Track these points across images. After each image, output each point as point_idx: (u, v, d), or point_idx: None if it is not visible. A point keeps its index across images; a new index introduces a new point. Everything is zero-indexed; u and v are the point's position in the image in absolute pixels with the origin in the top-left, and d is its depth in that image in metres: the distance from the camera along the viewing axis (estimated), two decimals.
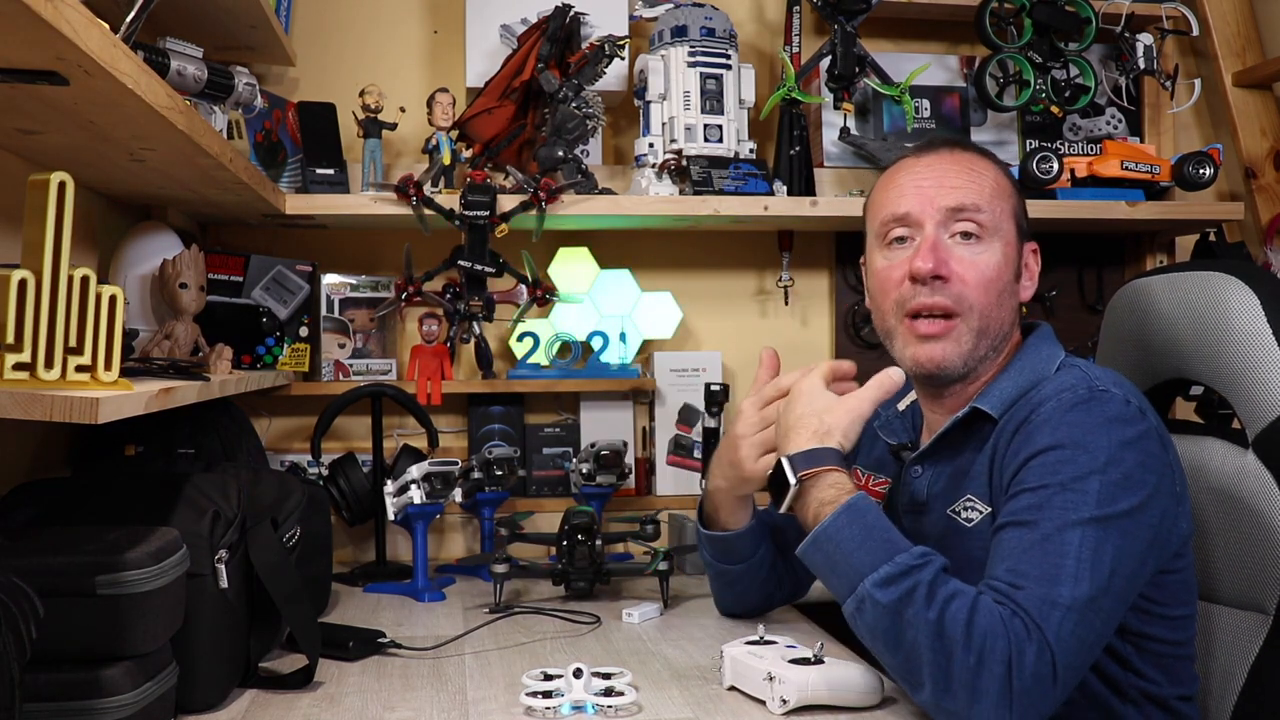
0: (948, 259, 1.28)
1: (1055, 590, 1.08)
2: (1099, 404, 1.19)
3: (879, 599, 1.08)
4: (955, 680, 1.04)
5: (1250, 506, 1.37)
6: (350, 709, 1.20)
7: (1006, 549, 1.14)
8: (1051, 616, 1.06)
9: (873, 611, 1.09)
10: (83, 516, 1.23)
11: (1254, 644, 1.36)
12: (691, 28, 2.03)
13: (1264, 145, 2.29)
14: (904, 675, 1.10)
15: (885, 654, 1.11)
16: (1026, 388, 1.28)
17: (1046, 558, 1.10)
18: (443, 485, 1.72)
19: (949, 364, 1.29)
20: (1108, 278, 2.35)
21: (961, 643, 1.04)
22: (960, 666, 1.04)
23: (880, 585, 1.08)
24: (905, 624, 1.06)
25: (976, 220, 1.29)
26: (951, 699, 1.05)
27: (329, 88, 2.10)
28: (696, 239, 2.26)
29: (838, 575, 1.14)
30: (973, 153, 1.35)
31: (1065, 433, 1.17)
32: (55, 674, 1.00)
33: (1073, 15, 2.16)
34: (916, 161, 1.35)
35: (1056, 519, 1.12)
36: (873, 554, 1.11)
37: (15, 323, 0.96)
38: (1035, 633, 1.05)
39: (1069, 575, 1.08)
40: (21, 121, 1.17)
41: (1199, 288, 1.45)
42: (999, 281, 1.29)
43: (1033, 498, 1.15)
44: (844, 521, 1.13)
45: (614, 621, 1.58)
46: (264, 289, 1.96)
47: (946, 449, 1.33)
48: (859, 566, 1.11)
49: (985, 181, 1.31)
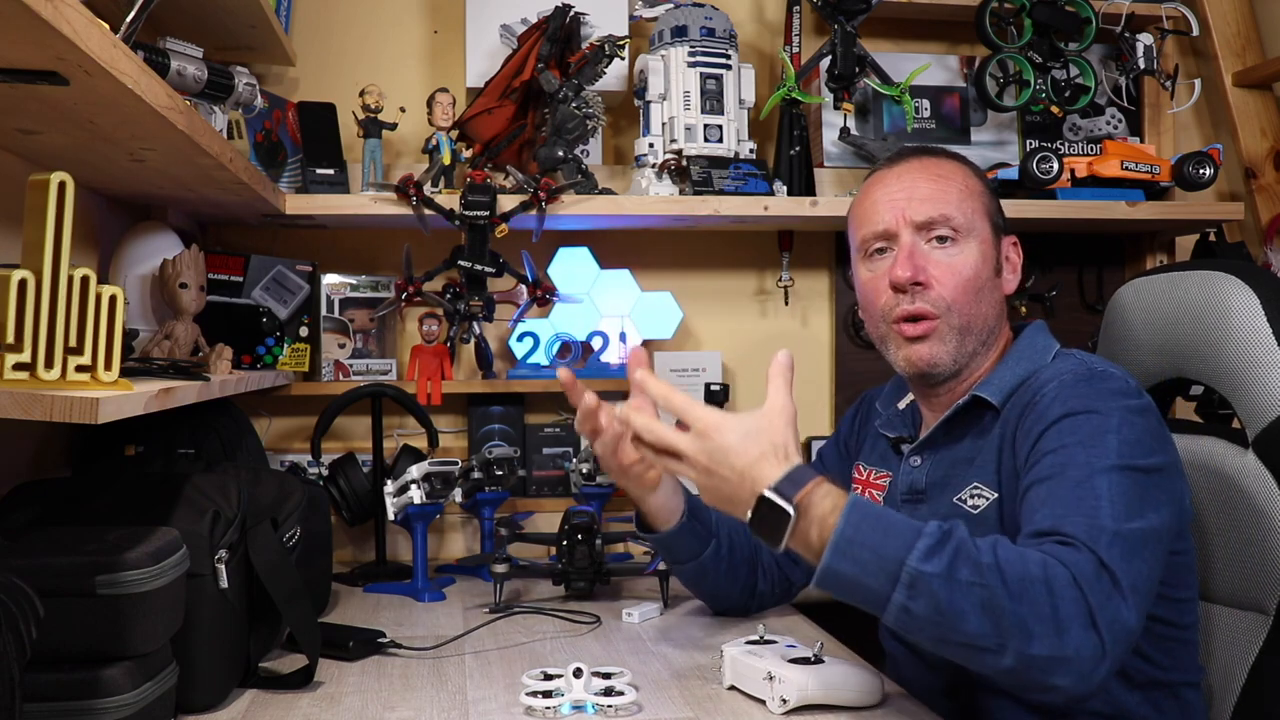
0: (925, 265, 1.33)
1: (1097, 520, 1.09)
2: (1101, 380, 1.25)
3: (930, 571, 1.01)
4: (1036, 620, 1.00)
5: (1250, 506, 1.37)
6: (350, 709, 1.20)
7: (1038, 501, 1.15)
8: (1100, 539, 1.07)
9: (927, 588, 1.01)
10: (83, 516, 1.23)
11: (1254, 644, 1.36)
12: (691, 28, 2.03)
13: (1264, 145, 2.29)
14: (978, 644, 1.02)
15: (953, 631, 1.02)
16: (1025, 376, 1.32)
17: (1083, 499, 1.12)
18: (443, 485, 1.72)
19: (939, 361, 1.34)
20: (1108, 278, 2.36)
21: (1027, 580, 1.01)
22: (1036, 605, 1.01)
23: (926, 558, 1.01)
24: (966, 587, 1.00)
25: (949, 224, 1.34)
26: (1040, 641, 1.01)
27: (329, 88, 2.10)
28: (696, 239, 2.26)
29: (870, 574, 1.04)
30: (940, 158, 1.40)
31: (1076, 402, 1.21)
32: (55, 674, 1.00)
33: (1073, 15, 2.16)
34: (888, 174, 1.40)
35: (1083, 468, 1.14)
36: (900, 537, 1.04)
37: (15, 323, 0.96)
38: (1087, 553, 1.05)
39: (1107, 513, 1.10)
40: (21, 121, 1.17)
41: (1199, 288, 1.45)
42: (977, 279, 1.34)
43: (1055, 457, 1.17)
44: (857, 519, 1.05)
45: (614, 621, 1.58)
46: (264, 289, 1.96)
47: (945, 438, 1.37)
48: (893, 553, 1.02)
49: (953, 186, 1.36)
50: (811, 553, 1.07)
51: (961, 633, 1.02)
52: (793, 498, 1.06)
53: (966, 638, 1.02)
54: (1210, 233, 2.24)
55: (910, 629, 1.04)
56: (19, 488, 1.31)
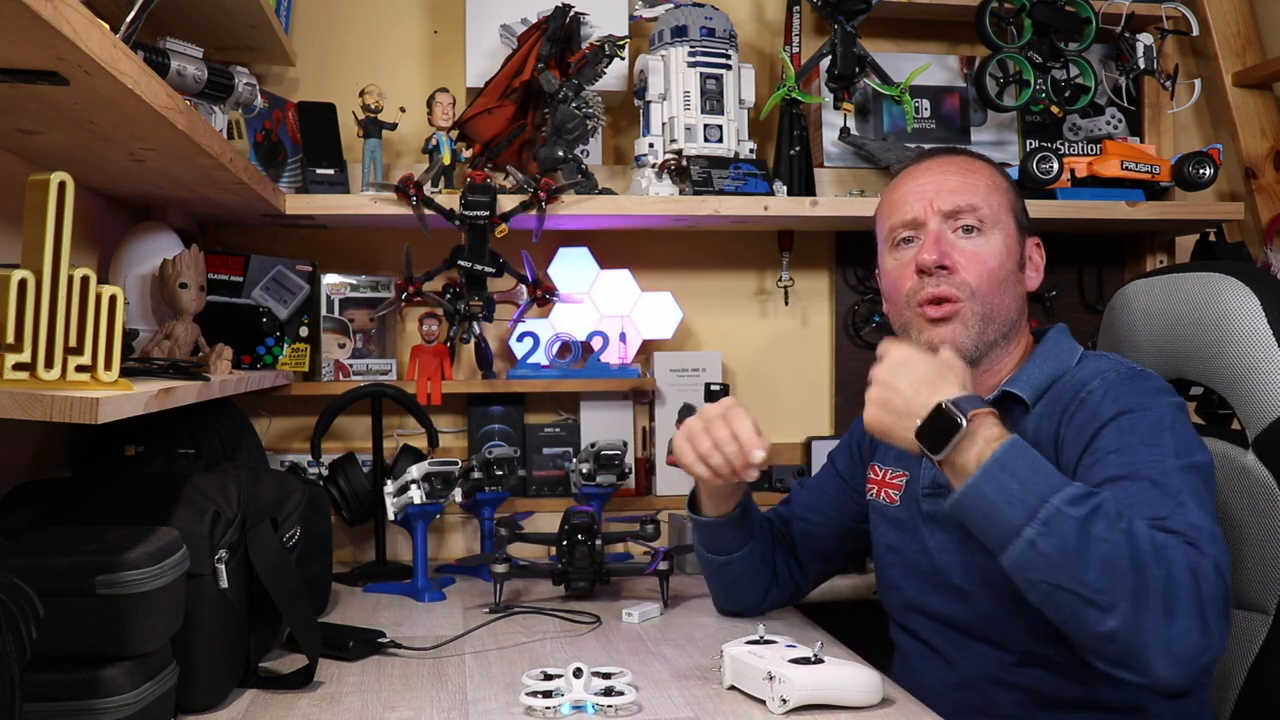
0: (950, 250, 1.37)
1: (1189, 517, 1.12)
2: (1142, 378, 1.29)
3: (1071, 514, 1.07)
4: (1151, 593, 1.04)
5: (1250, 507, 1.37)
6: (350, 709, 1.20)
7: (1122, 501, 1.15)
8: (1201, 537, 1.10)
9: (1063, 528, 1.07)
10: (83, 516, 1.23)
11: (1254, 644, 1.37)
12: (691, 28, 2.03)
13: (1264, 145, 2.29)
14: (1091, 596, 1.06)
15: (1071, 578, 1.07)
16: (1054, 375, 1.35)
17: (1165, 497, 1.14)
18: (443, 485, 1.72)
19: (961, 344, 1.36)
20: (1108, 278, 2.36)
21: (1152, 555, 1.05)
22: (1154, 579, 1.05)
23: (1071, 502, 1.08)
24: (1096, 540, 1.06)
25: (975, 214, 1.38)
26: (1150, 614, 1.04)
27: (329, 88, 2.10)
28: (696, 239, 2.26)
29: (1013, 503, 1.10)
30: (968, 156, 1.46)
31: (1127, 399, 1.25)
32: (55, 674, 1.00)
33: (1073, 15, 2.16)
34: (916, 169, 1.45)
35: (1154, 468, 1.17)
36: (1050, 478, 1.11)
37: (15, 323, 0.96)
38: (1195, 552, 1.08)
39: (1193, 509, 1.14)
40: (21, 121, 1.17)
41: (1199, 288, 1.45)
42: (1001, 270, 1.37)
43: (1120, 457, 1.20)
44: (1015, 453, 1.13)
45: (614, 621, 1.58)
46: (264, 289, 1.96)
47: None
48: (1039, 490, 1.10)
49: (980, 180, 1.41)
50: (962, 472, 1.14)
51: (1080, 581, 1.06)
52: (968, 413, 1.15)
53: (1082, 587, 1.06)
54: (1210, 233, 2.24)
55: (1029, 566, 1.09)
56: (19, 488, 1.31)
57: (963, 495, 1.14)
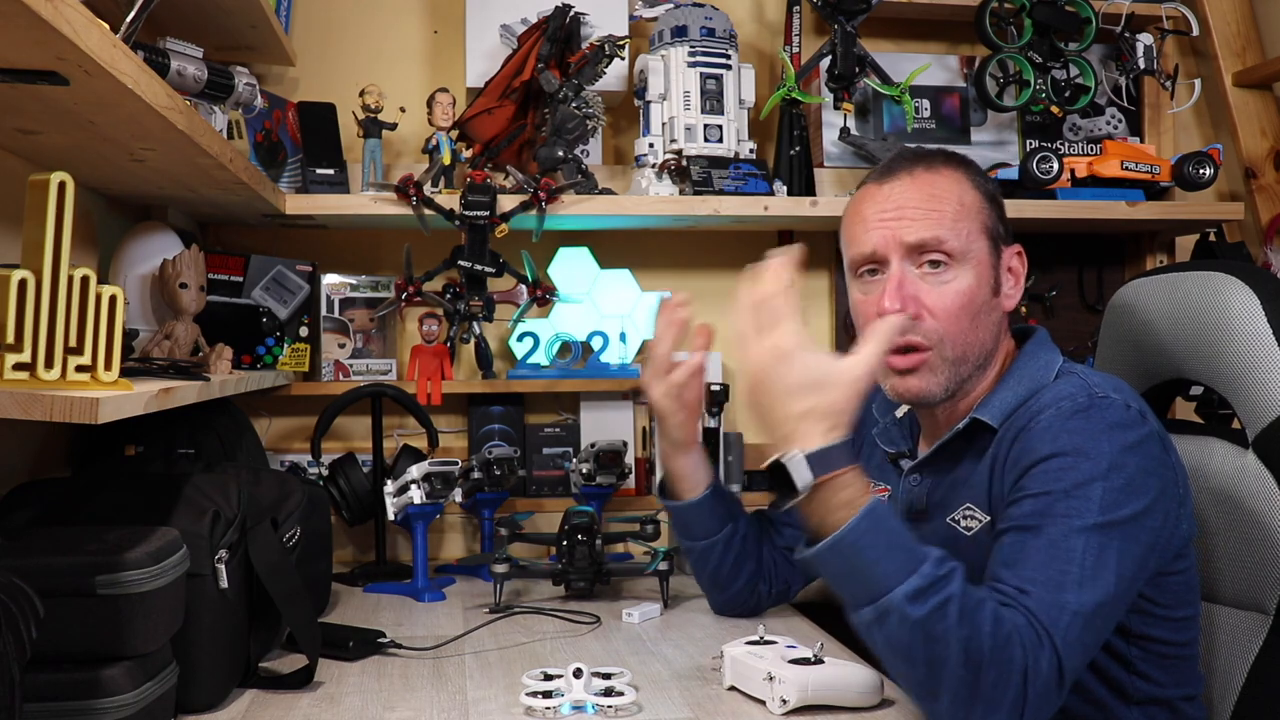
0: (916, 294, 1.26)
1: (1062, 596, 1.08)
2: (1099, 410, 1.18)
3: (910, 613, 1.02)
4: (978, 695, 1.03)
5: (1250, 506, 1.37)
6: (350, 709, 1.20)
7: (1010, 554, 1.13)
8: (1060, 621, 1.07)
9: (899, 625, 1.03)
10: (83, 516, 1.23)
11: (1254, 644, 1.36)
12: (691, 28, 2.03)
13: (1264, 145, 2.29)
14: (919, 686, 1.07)
15: (903, 666, 1.07)
16: (1026, 396, 1.26)
17: (1052, 563, 1.10)
18: (443, 485, 1.72)
19: (927, 394, 1.29)
20: (1108, 278, 2.35)
21: (988, 659, 1.02)
22: (984, 682, 1.02)
23: (911, 599, 1.02)
24: (933, 639, 1.02)
25: (942, 248, 1.26)
26: (968, 711, 1.04)
27: (329, 88, 2.10)
28: (696, 239, 2.26)
29: (855, 582, 1.06)
30: (935, 170, 1.30)
31: (1066, 440, 1.16)
32: (55, 674, 1.00)
33: (1073, 15, 2.16)
34: (878, 190, 1.31)
35: (1061, 526, 1.11)
36: (898, 564, 1.04)
37: (15, 323, 0.96)
38: (1045, 639, 1.06)
39: (1074, 581, 1.09)
40: (21, 121, 1.17)
41: (1199, 288, 1.45)
42: (972, 306, 1.27)
43: (1035, 504, 1.14)
44: (866, 528, 1.04)
45: (614, 621, 1.58)
46: (264, 289, 1.96)
47: (945, 458, 1.33)
48: (884, 577, 1.03)
49: (947, 204, 1.27)
50: (808, 529, 1.09)
51: (906, 675, 1.07)
52: (816, 476, 1.05)
53: (907, 679, 1.08)
54: (1210, 233, 2.24)
55: (869, 638, 1.08)
56: (19, 488, 1.31)
57: (805, 558, 1.09)
